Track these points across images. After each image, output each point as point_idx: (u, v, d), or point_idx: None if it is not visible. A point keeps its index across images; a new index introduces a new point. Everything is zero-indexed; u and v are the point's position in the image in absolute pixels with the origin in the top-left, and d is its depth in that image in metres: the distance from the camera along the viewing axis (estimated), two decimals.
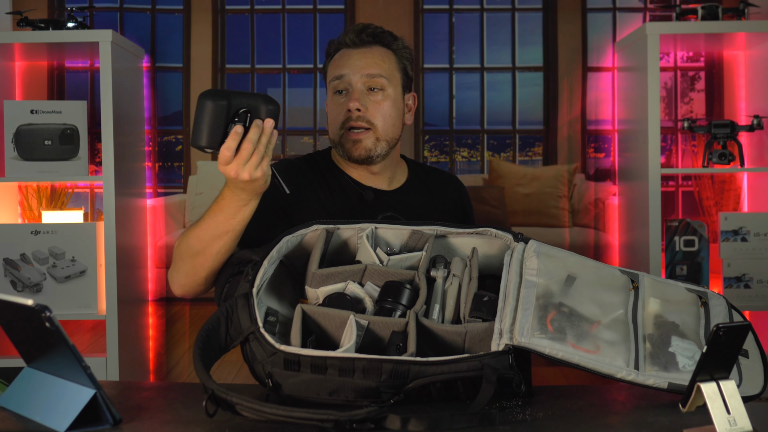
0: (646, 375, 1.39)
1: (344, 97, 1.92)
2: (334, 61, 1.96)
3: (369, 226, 1.66)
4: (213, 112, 1.50)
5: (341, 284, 1.55)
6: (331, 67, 1.96)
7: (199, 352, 1.35)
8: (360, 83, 1.90)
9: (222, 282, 1.57)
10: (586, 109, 3.16)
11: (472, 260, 1.60)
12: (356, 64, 1.91)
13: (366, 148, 1.90)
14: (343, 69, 1.91)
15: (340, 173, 1.98)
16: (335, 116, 1.92)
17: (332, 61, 1.96)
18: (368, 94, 1.91)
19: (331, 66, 1.96)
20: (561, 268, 1.54)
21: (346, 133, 1.90)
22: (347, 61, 1.92)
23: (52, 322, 1.20)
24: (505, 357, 1.37)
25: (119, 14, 3.15)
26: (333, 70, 1.94)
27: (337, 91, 1.92)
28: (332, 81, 1.93)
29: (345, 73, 1.91)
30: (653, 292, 1.55)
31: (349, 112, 1.89)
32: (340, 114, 1.91)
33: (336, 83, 1.92)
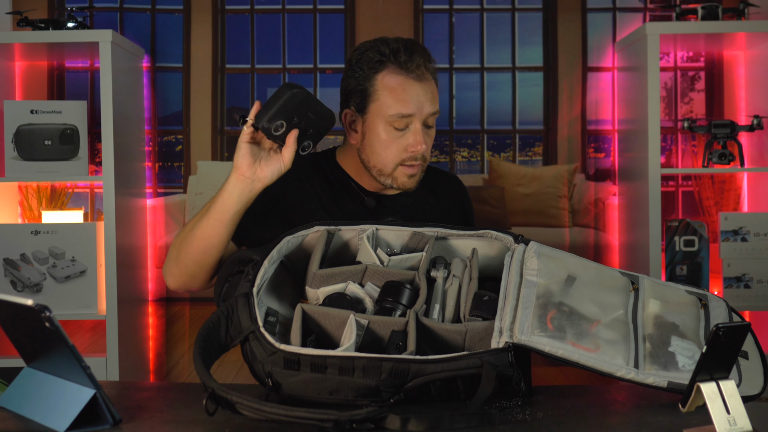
0: (646, 374, 1.39)
1: (404, 133, 1.82)
2: (392, 90, 1.81)
3: (370, 227, 1.67)
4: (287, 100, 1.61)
5: (341, 284, 1.56)
6: (390, 95, 1.81)
7: (200, 351, 1.35)
8: (423, 123, 1.83)
9: (221, 281, 1.57)
10: (586, 109, 3.16)
11: (472, 261, 1.60)
12: (423, 104, 1.82)
13: (418, 180, 1.88)
14: (410, 108, 1.80)
15: (344, 177, 1.95)
16: (390, 152, 1.83)
17: (388, 87, 1.82)
18: (425, 131, 1.85)
19: (388, 93, 1.82)
20: (561, 269, 1.55)
21: (402, 167, 1.84)
22: (414, 98, 1.81)
23: (52, 322, 1.20)
24: (505, 354, 1.38)
25: (119, 14, 3.15)
26: (395, 102, 1.81)
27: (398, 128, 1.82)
28: (395, 116, 1.81)
29: (413, 113, 1.81)
30: (653, 293, 1.55)
31: (414, 152, 1.82)
32: (399, 150, 1.83)
33: (401, 121, 1.81)
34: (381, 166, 1.86)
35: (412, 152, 1.83)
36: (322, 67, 3.18)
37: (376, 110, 1.83)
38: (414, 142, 1.82)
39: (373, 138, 1.85)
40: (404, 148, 1.83)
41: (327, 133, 1.67)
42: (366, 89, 1.84)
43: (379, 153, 1.85)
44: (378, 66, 1.83)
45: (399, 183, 1.87)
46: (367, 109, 1.85)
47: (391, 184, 1.87)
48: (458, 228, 1.70)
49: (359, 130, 1.87)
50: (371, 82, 1.83)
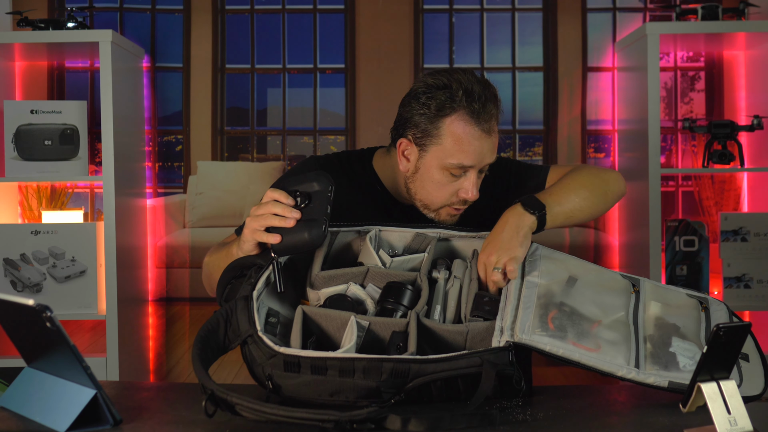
0: (647, 374, 1.39)
1: (458, 179, 1.76)
2: (459, 139, 1.73)
3: (373, 229, 1.66)
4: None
5: (343, 286, 1.55)
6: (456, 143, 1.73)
7: (198, 353, 1.35)
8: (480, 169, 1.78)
9: (223, 284, 1.57)
10: (586, 109, 3.16)
11: (472, 262, 1.60)
12: (484, 157, 1.75)
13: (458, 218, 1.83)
14: (472, 160, 1.74)
15: (375, 181, 1.90)
16: (442, 192, 1.77)
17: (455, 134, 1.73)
18: (479, 177, 1.79)
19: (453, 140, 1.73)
20: (563, 270, 1.55)
21: (448, 208, 1.80)
22: (478, 150, 1.74)
23: (53, 322, 1.20)
24: (505, 353, 1.37)
25: (119, 14, 3.15)
26: (459, 151, 1.73)
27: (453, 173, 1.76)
28: (455, 164, 1.74)
29: (473, 165, 1.74)
30: (654, 296, 1.56)
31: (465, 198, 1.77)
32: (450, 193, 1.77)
33: (459, 170, 1.75)
34: (428, 203, 1.81)
35: (463, 197, 1.77)
36: (322, 67, 3.18)
37: (436, 153, 1.75)
38: (468, 190, 1.76)
39: (426, 177, 1.78)
40: (455, 193, 1.78)
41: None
42: (430, 131, 1.75)
43: (429, 192, 1.79)
44: (448, 111, 1.73)
45: (441, 219, 1.82)
46: (427, 149, 1.76)
47: (433, 217, 1.83)
48: (461, 229, 1.70)
49: (412, 161, 1.80)
50: (438, 124, 1.74)
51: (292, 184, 1.58)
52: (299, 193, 1.56)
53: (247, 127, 3.17)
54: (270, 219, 1.54)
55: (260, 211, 1.56)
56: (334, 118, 3.17)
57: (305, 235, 1.52)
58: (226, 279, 1.56)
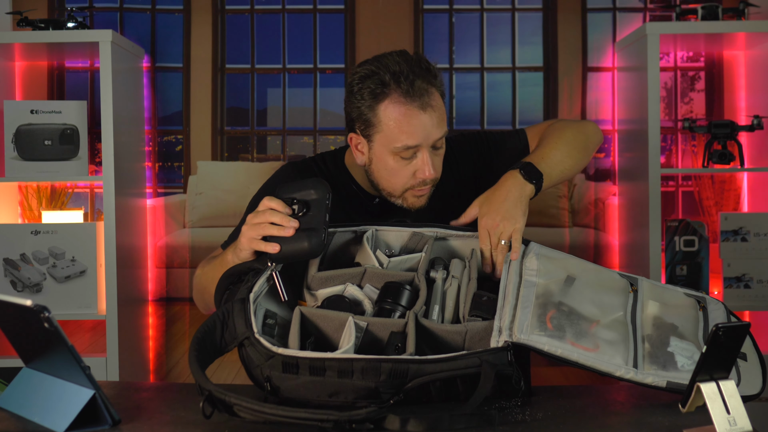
0: (645, 374, 1.39)
1: (412, 161, 1.76)
2: (397, 122, 1.73)
3: (370, 228, 1.66)
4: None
5: (340, 287, 1.55)
6: (395, 127, 1.73)
7: (196, 354, 1.35)
8: (429, 148, 1.76)
9: (222, 290, 1.56)
10: (586, 109, 3.16)
11: (471, 261, 1.60)
12: (429, 132, 1.74)
13: (427, 198, 1.83)
14: (417, 139, 1.73)
15: (349, 180, 1.91)
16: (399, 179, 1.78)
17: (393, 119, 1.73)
18: (433, 153, 1.78)
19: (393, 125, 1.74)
20: (561, 270, 1.55)
21: (412, 190, 1.80)
22: (420, 129, 1.73)
23: (51, 323, 1.20)
24: (504, 353, 1.37)
25: (119, 14, 3.15)
26: (400, 134, 1.73)
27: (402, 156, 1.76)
28: (401, 148, 1.74)
29: (419, 143, 1.74)
30: (652, 295, 1.56)
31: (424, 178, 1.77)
32: (407, 176, 1.78)
33: (407, 152, 1.75)
34: (390, 190, 1.82)
35: (421, 179, 1.78)
36: (322, 67, 3.18)
37: (381, 140, 1.76)
38: (422, 169, 1.76)
39: (381, 165, 1.79)
40: (412, 175, 1.78)
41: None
42: (369, 120, 1.76)
43: (387, 179, 1.80)
44: (380, 97, 1.74)
45: (408, 204, 1.82)
46: (372, 138, 1.78)
47: (401, 204, 1.83)
48: (458, 228, 1.69)
49: (365, 153, 1.82)
50: (374, 112, 1.75)
51: (289, 192, 1.56)
52: (296, 201, 1.54)
53: (247, 127, 3.17)
54: (267, 228, 1.53)
55: (257, 220, 1.54)
56: (334, 118, 3.17)
57: (305, 245, 1.51)
58: (224, 285, 1.55)
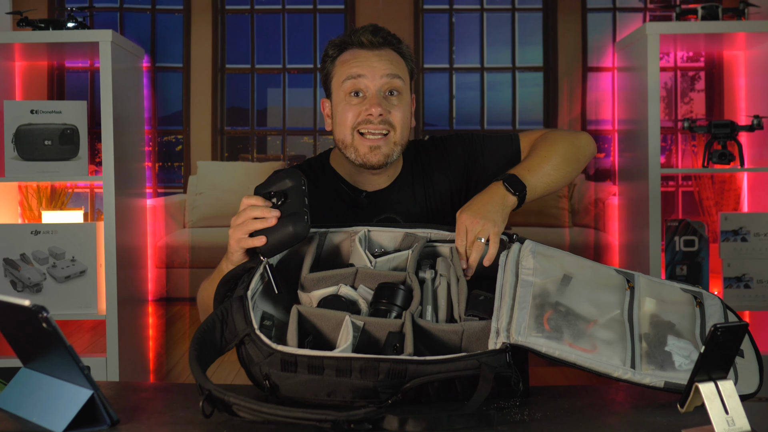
0: (643, 374, 1.39)
1: (360, 100, 1.82)
2: (345, 61, 1.85)
3: (362, 229, 1.66)
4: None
5: (333, 288, 1.55)
6: (343, 66, 1.85)
7: (196, 354, 1.35)
8: (379, 86, 1.82)
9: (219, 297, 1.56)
10: (586, 109, 3.16)
11: (453, 260, 1.60)
12: (375, 65, 1.82)
13: (385, 155, 1.83)
14: (362, 69, 1.82)
15: (335, 178, 1.93)
16: (347, 118, 1.83)
17: (342, 61, 1.85)
18: (387, 98, 1.83)
19: (341, 65, 1.85)
20: (557, 268, 1.55)
21: (360, 138, 1.82)
22: (364, 62, 1.83)
23: (49, 323, 1.20)
24: (503, 355, 1.37)
25: (119, 14, 3.15)
26: (347, 69, 1.83)
27: (353, 92, 1.82)
28: (346, 80, 1.82)
29: (364, 74, 1.81)
30: (649, 291, 1.55)
31: (370, 116, 1.80)
32: (355, 114, 1.82)
33: (352, 83, 1.82)
34: (342, 137, 1.86)
35: (368, 116, 1.81)
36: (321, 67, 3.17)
37: (336, 86, 1.87)
38: (368, 105, 1.81)
39: (337, 113, 1.87)
40: (359, 113, 1.83)
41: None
42: (329, 72, 1.89)
43: (339, 125, 1.86)
44: (338, 50, 1.88)
45: (361, 155, 1.84)
46: (331, 89, 1.89)
47: (355, 159, 1.85)
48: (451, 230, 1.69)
49: (330, 114, 1.91)
50: (333, 65, 1.88)
51: (264, 188, 1.59)
52: (273, 193, 1.57)
53: (247, 127, 3.17)
54: (251, 224, 1.55)
55: (239, 220, 1.57)
56: None
57: (290, 229, 1.53)
58: (222, 293, 1.55)
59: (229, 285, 1.54)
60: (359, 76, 1.82)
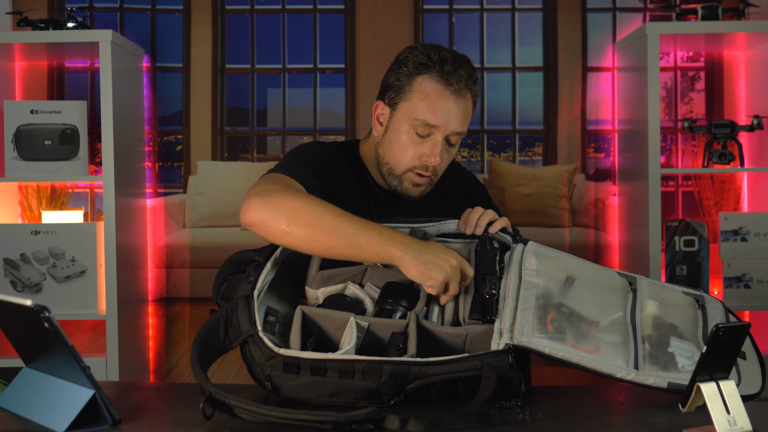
0: (646, 375, 1.39)
1: (424, 141, 1.79)
2: (427, 96, 1.78)
3: None
4: None
5: (341, 285, 1.55)
6: (423, 100, 1.78)
7: (197, 354, 1.35)
8: (446, 136, 1.80)
9: (220, 280, 1.56)
10: (586, 109, 3.16)
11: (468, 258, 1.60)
12: (451, 120, 1.78)
13: (421, 192, 1.86)
14: (438, 120, 1.77)
15: (364, 172, 1.92)
16: (406, 154, 1.80)
17: (424, 92, 1.78)
18: (445, 147, 1.81)
19: (422, 98, 1.78)
20: (560, 270, 1.55)
21: (411, 174, 1.82)
22: (446, 110, 1.78)
23: (51, 323, 1.20)
24: (505, 356, 1.37)
25: (119, 14, 3.15)
26: (425, 109, 1.77)
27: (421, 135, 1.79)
28: (420, 121, 1.77)
29: (438, 125, 1.77)
30: (651, 294, 1.56)
31: (427, 163, 1.80)
32: (414, 156, 1.80)
33: (425, 128, 1.78)
34: (393, 165, 1.84)
35: (425, 162, 1.80)
36: (322, 67, 3.18)
37: (405, 109, 1.80)
38: (430, 153, 1.79)
39: (394, 136, 1.83)
40: (419, 156, 1.80)
41: None
42: (402, 87, 1.81)
43: (395, 152, 1.83)
44: (422, 69, 1.79)
45: (404, 188, 1.84)
46: (397, 106, 1.82)
47: (396, 187, 1.85)
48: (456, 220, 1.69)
49: (384, 123, 1.86)
50: (410, 81, 1.80)
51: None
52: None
53: (247, 127, 3.17)
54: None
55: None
56: (334, 118, 3.17)
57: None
58: (223, 275, 1.55)
59: (232, 268, 1.55)
60: (436, 126, 1.78)
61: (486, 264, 1.55)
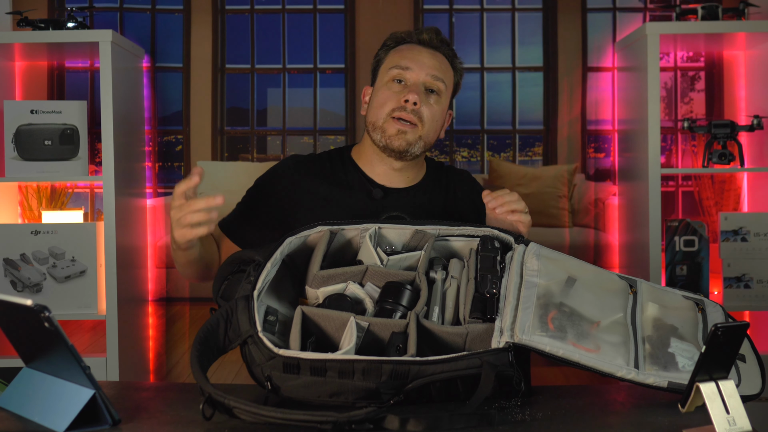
0: (646, 374, 1.39)
1: (401, 87, 1.92)
2: (399, 51, 1.96)
3: (373, 226, 1.66)
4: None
5: (342, 285, 1.55)
6: (395, 55, 1.96)
7: (197, 354, 1.35)
8: (422, 80, 1.93)
9: (220, 279, 1.56)
10: (586, 109, 3.16)
11: (469, 261, 1.60)
12: (424, 61, 1.93)
13: (407, 141, 1.91)
14: (411, 62, 1.93)
15: (354, 169, 1.99)
16: (384, 101, 1.93)
17: (397, 50, 1.97)
18: (425, 94, 1.93)
19: (395, 54, 1.97)
20: (561, 270, 1.55)
21: (391, 120, 1.91)
22: (417, 55, 1.94)
23: (51, 323, 1.20)
24: (505, 354, 1.37)
25: (119, 14, 3.15)
26: (398, 59, 1.94)
27: (396, 80, 1.93)
28: (393, 68, 1.94)
29: (411, 66, 1.92)
30: (651, 297, 1.56)
31: (406, 102, 1.90)
32: (392, 101, 1.92)
33: (398, 72, 1.93)
34: (375, 119, 1.94)
35: (405, 102, 1.89)
36: (322, 67, 3.18)
37: (381, 72, 1.97)
38: (407, 93, 1.90)
39: (375, 96, 1.96)
40: (397, 99, 1.91)
41: None
42: (381, 60, 2.00)
43: (375, 107, 1.94)
44: (398, 42, 1.99)
45: (386, 136, 1.91)
46: (377, 76, 1.99)
47: (380, 141, 1.92)
48: (459, 225, 1.69)
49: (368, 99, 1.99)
50: (386, 54, 1.99)
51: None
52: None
53: (247, 127, 3.17)
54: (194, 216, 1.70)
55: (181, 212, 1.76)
56: (334, 118, 3.17)
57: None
58: (224, 274, 1.56)
59: (231, 267, 1.56)
60: (407, 68, 1.92)
61: (487, 263, 1.55)
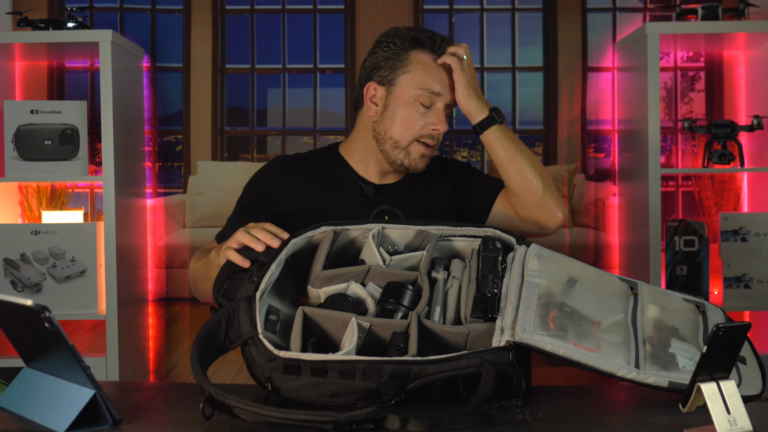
0: (647, 374, 1.39)
1: (428, 111, 1.86)
2: (426, 67, 1.86)
3: (376, 227, 1.66)
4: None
5: (344, 284, 1.55)
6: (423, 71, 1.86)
7: (197, 354, 1.35)
8: (446, 105, 1.88)
9: (222, 278, 1.56)
10: (586, 109, 3.16)
11: (471, 261, 1.60)
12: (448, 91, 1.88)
13: (426, 163, 1.92)
14: (442, 87, 1.86)
15: (344, 167, 1.97)
16: (411, 123, 1.86)
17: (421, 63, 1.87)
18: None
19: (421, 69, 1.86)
20: (562, 271, 1.55)
21: (417, 144, 1.87)
22: (444, 78, 1.87)
23: (52, 323, 1.20)
24: (506, 353, 1.37)
25: (119, 14, 3.15)
26: (427, 80, 1.86)
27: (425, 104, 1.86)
28: (423, 89, 1.85)
29: (442, 92, 1.86)
30: (652, 299, 1.56)
31: (435, 130, 1.86)
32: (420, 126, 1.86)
33: (429, 97, 1.85)
34: (398, 138, 1.88)
35: (433, 130, 1.87)
36: (322, 67, 3.18)
37: (407, 81, 1.87)
38: (437, 121, 1.86)
39: (397, 109, 1.88)
40: (425, 125, 1.87)
41: None
42: (397, 62, 1.87)
43: (399, 125, 1.88)
44: (414, 43, 1.88)
45: (411, 159, 1.89)
46: (396, 81, 1.87)
47: (402, 160, 1.89)
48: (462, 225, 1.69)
49: (380, 102, 1.90)
50: (405, 55, 1.87)
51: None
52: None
53: (247, 127, 3.17)
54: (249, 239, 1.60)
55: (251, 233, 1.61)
56: (334, 118, 3.17)
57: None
58: (225, 274, 1.56)
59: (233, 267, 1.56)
60: (438, 94, 1.86)
61: (488, 263, 1.55)
